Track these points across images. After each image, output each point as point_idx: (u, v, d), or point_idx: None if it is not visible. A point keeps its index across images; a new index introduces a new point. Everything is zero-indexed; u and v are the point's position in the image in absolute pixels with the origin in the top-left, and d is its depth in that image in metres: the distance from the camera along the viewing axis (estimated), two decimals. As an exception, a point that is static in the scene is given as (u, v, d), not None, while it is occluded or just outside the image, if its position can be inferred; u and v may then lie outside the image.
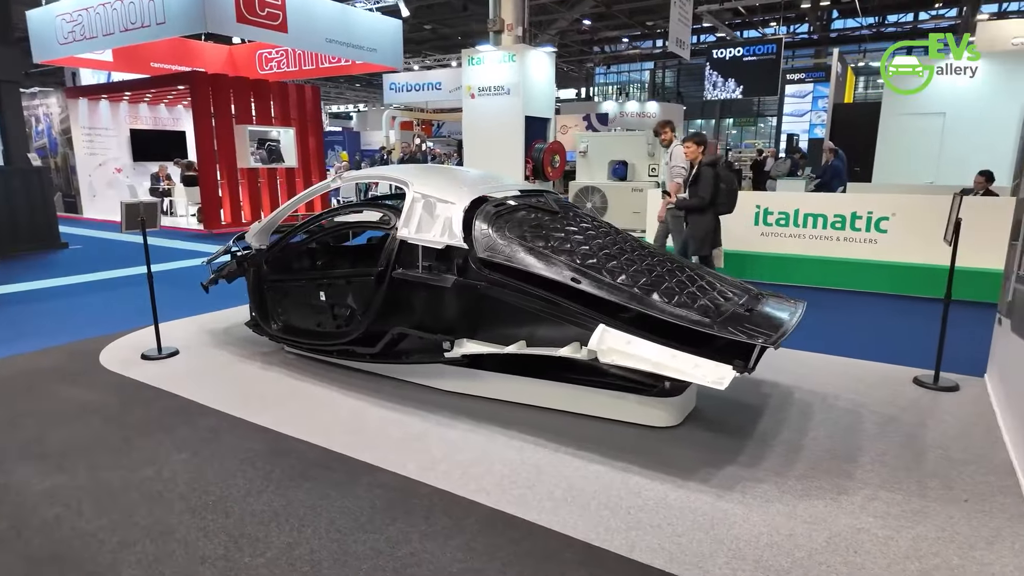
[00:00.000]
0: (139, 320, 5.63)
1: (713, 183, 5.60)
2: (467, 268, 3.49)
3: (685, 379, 2.87)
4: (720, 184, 5.63)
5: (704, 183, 5.64)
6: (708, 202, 5.66)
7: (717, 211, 5.77)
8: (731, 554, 2.39)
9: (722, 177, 5.66)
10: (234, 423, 3.58)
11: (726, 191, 5.67)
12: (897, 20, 30.77)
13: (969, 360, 4.41)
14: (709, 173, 5.64)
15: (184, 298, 6.53)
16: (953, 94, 10.27)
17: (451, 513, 2.68)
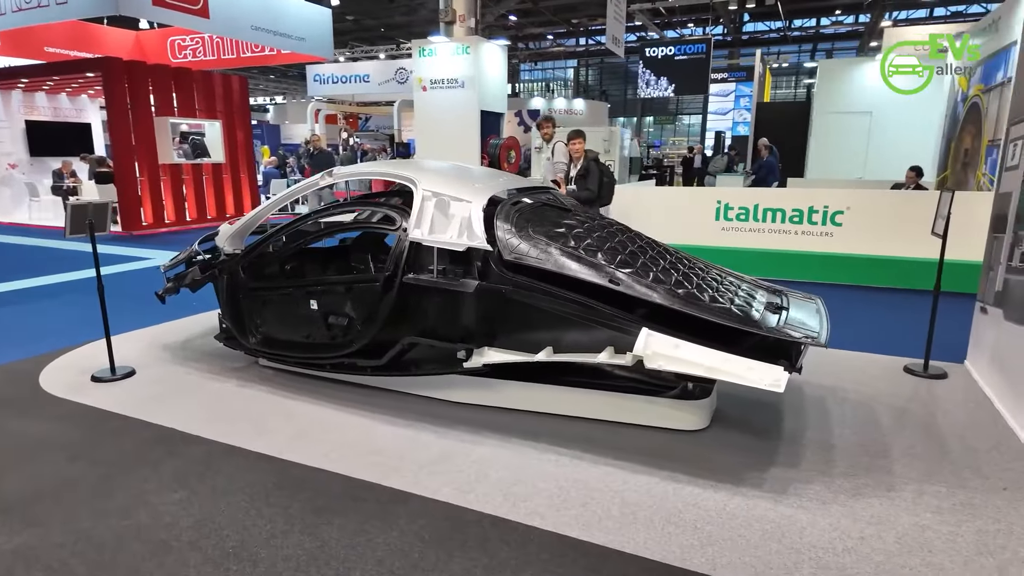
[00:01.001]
0: (74, 336, 4.99)
1: (599, 177, 6.11)
2: (488, 271, 3.25)
3: (740, 382, 2.77)
4: (603, 178, 6.19)
5: (593, 177, 6.15)
6: (595, 195, 6.13)
7: (601, 203, 6.28)
8: (815, 564, 2.31)
9: (604, 172, 6.24)
10: (227, 452, 3.18)
11: (608, 184, 6.27)
12: (802, 24, 32.75)
13: (941, 347, 4.52)
14: (596, 168, 6.17)
15: (124, 308, 5.86)
16: (878, 94, 10.94)
17: (509, 541, 2.46)
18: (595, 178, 6.18)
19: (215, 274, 4.10)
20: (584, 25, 31.81)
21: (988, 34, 7.44)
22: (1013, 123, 4.01)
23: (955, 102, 8.62)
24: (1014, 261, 3.72)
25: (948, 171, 8.62)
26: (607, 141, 9.28)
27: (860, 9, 22.43)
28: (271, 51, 15.99)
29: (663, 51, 16.95)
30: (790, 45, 34.37)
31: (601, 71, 39.64)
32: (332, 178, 3.77)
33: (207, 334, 5.16)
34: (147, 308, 4.74)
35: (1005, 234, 3.89)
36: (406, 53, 23.92)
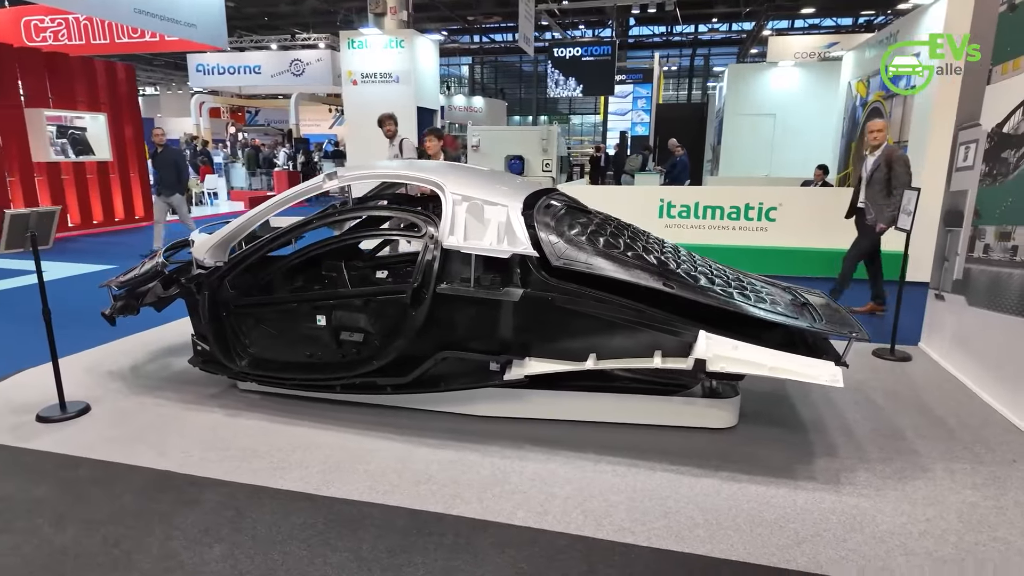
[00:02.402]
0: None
1: None
2: (529, 277, 3.10)
3: (799, 379, 2.85)
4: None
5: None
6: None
7: None
8: (904, 551, 2.42)
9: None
10: (252, 493, 2.80)
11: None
12: (682, 31, 34.83)
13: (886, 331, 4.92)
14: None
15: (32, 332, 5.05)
16: (782, 98, 11.86)
17: (612, 563, 2.36)
18: None
19: (191, 290, 3.61)
20: (480, 22, 31.86)
21: (886, 46, 8.27)
22: (962, 128, 4.45)
23: (854, 107, 9.52)
24: (975, 252, 4.14)
25: (850, 169, 9.51)
26: (545, 140, 9.31)
27: (739, 18, 24.18)
28: (153, 37, 14.56)
29: (571, 52, 17.28)
30: (672, 49, 36.43)
31: (496, 69, 39.88)
32: (337, 181, 3.43)
33: (158, 356, 4.58)
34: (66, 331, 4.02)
35: (961, 228, 4.31)
36: (303, 44, 22.67)
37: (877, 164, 5.46)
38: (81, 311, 5.15)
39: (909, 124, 7.40)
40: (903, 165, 5.36)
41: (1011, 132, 3.80)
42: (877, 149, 5.50)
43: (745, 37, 27.40)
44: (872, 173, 5.50)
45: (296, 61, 21.42)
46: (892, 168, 5.38)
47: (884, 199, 5.42)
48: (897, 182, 5.33)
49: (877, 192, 5.48)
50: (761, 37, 22.48)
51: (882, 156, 5.45)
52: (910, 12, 7.86)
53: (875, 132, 5.49)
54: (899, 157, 5.42)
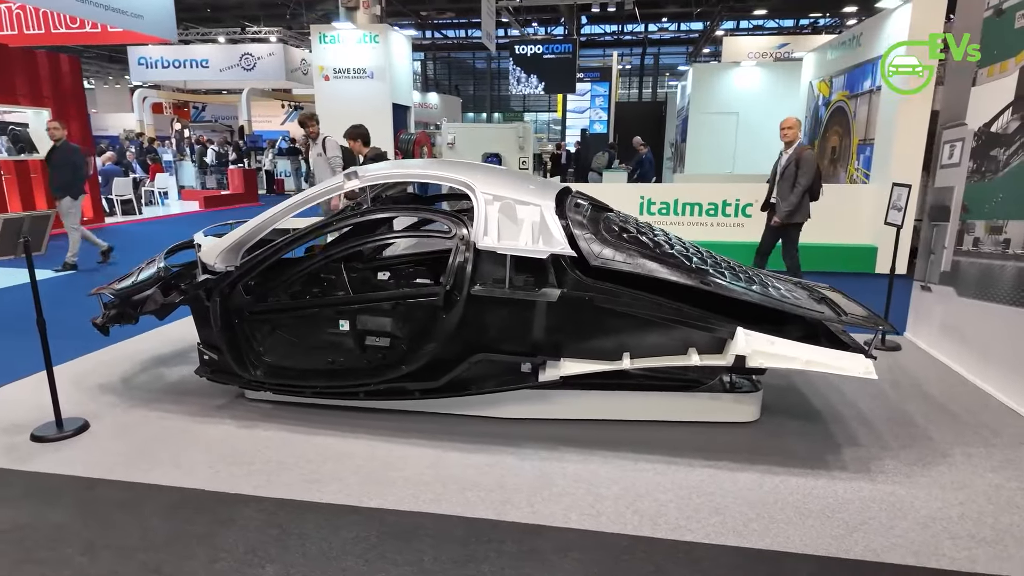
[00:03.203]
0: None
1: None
2: (565, 277, 3.08)
3: (833, 372, 2.92)
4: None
5: None
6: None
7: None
8: (948, 535, 2.52)
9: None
10: (291, 509, 2.68)
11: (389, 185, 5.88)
12: (632, 30, 35.40)
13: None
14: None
15: (11, 343, 4.71)
16: (744, 96, 12.20)
17: (679, 561, 2.37)
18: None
19: (199, 296, 3.42)
20: (432, 18, 31.50)
21: (850, 48, 8.61)
22: (946, 127, 4.66)
23: (816, 106, 9.88)
24: (964, 245, 4.35)
25: (814, 166, 9.87)
26: (522, 138, 9.27)
27: (690, 17, 24.73)
28: (94, 27, 13.79)
29: (532, 49, 17.29)
30: (623, 48, 36.96)
31: (449, 66, 39.57)
32: (358, 180, 3.31)
33: (147, 367, 4.35)
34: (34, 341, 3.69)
35: (948, 222, 4.53)
36: (252, 38, 21.90)
37: (790, 161, 5.66)
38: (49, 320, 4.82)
39: (875, 123, 7.73)
40: (808, 164, 5.59)
41: (1000, 131, 4.00)
42: (790, 146, 5.70)
43: (697, 37, 28.05)
44: (784, 169, 5.70)
45: (247, 55, 20.64)
46: (799, 166, 5.59)
47: (789, 194, 5.65)
48: (801, 179, 5.56)
49: (785, 188, 5.70)
50: (714, 37, 23.07)
51: (794, 154, 5.64)
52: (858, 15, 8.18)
53: (786, 129, 5.70)
54: (806, 157, 5.64)
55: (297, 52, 21.54)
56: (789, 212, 5.63)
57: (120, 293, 3.63)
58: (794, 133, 5.71)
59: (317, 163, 6.83)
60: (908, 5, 6.88)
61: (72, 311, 3.80)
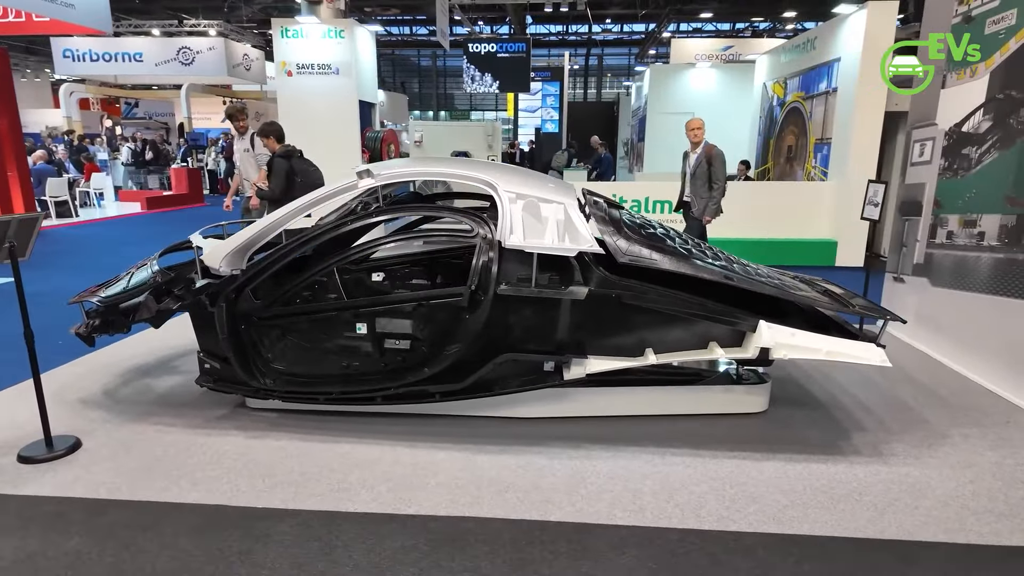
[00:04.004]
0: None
1: (286, 176, 5.34)
2: (590, 275, 3.08)
3: (850, 361, 3.05)
4: (296, 178, 5.39)
5: (275, 175, 5.37)
6: (279, 195, 5.30)
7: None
8: (969, 511, 2.67)
9: (297, 170, 5.43)
10: (327, 520, 2.58)
11: (303, 185, 5.32)
12: (577, 30, 35.85)
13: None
14: (281, 165, 5.36)
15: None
16: (700, 97, 12.55)
17: (732, 550, 2.41)
18: (278, 176, 5.31)
19: (201, 302, 3.23)
20: (376, 14, 30.94)
21: (804, 51, 9.00)
22: (916, 127, 4.93)
23: (771, 106, 10.27)
24: (937, 238, 4.62)
25: (770, 164, 10.26)
26: (491, 136, 9.21)
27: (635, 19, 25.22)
28: (17, 16, 12.86)
29: (486, 48, 17.24)
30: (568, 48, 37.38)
31: (393, 63, 38.96)
32: (372, 179, 3.20)
33: (128, 378, 4.11)
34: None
35: (921, 217, 4.79)
36: (190, 31, 20.92)
37: (699, 160, 5.93)
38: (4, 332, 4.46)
39: (832, 123, 8.10)
40: (720, 162, 5.89)
41: (971, 131, 4.27)
42: (698, 146, 5.97)
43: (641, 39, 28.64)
44: (695, 169, 5.96)
45: (184, 49, 19.70)
46: (712, 164, 5.85)
47: (706, 192, 5.94)
48: (716, 177, 5.84)
49: (700, 186, 5.98)
50: (660, 39, 23.64)
51: (703, 153, 5.91)
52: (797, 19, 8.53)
53: (695, 130, 5.98)
54: (717, 154, 5.93)
55: (239, 47, 20.77)
56: (716, 208, 5.86)
57: (109, 300, 3.39)
58: (702, 133, 5.96)
59: (243, 159, 6.49)
60: (863, 11, 7.24)
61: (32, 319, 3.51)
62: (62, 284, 3.12)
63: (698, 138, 5.93)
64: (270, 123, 5.68)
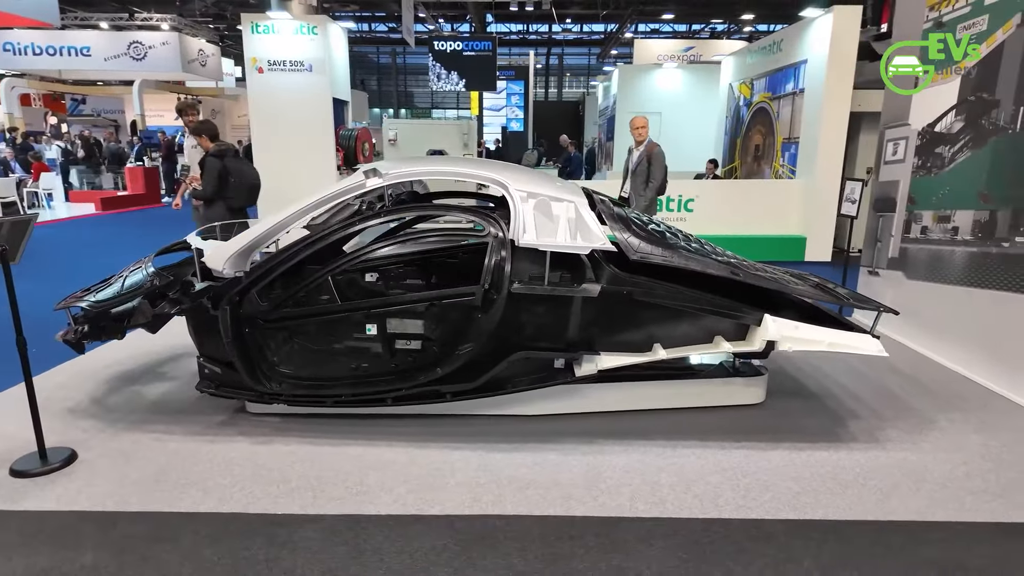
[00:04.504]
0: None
1: (218, 175, 5.17)
2: (601, 272, 3.12)
3: (850, 352, 3.17)
4: (230, 177, 5.23)
5: (206, 174, 5.20)
6: (211, 194, 5.22)
7: (229, 205, 5.30)
8: (969, 492, 2.81)
9: (231, 169, 5.24)
10: (351, 524, 2.54)
11: (237, 184, 5.26)
12: (537, 29, 36.00)
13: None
14: (213, 164, 5.18)
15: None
16: (667, 97, 12.80)
17: (756, 537, 2.48)
18: (209, 176, 5.13)
19: (203, 305, 3.14)
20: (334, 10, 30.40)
21: (770, 53, 9.27)
22: (888, 127, 5.15)
23: (737, 106, 10.54)
24: (911, 233, 4.84)
25: (737, 163, 10.54)
26: (467, 135, 9.16)
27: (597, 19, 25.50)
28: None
29: (451, 45, 17.15)
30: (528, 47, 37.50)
31: (352, 61, 38.35)
32: (380, 179, 3.16)
33: (115, 386, 3.97)
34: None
35: (894, 213, 5.01)
36: (141, 25, 20.16)
37: (641, 159, 6.13)
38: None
39: (799, 122, 8.37)
40: (659, 162, 6.11)
41: (944, 131, 4.48)
42: (641, 144, 6.16)
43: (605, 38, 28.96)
44: (636, 166, 6.16)
45: (136, 44, 18.96)
46: (651, 163, 6.06)
47: (644, 190, 6.13)
48: (652, 176, 6.05)
49: (639, 183, 6.19)
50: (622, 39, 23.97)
51: (645, 151, 6.11)
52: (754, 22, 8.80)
53: (639, 128, 6.17)
54: (657, 154, 6.15)
55: (194, 42, 20.13)
56: (648, 206, 6.04)
57: (101, 305, 3.25)
58: (646, 132, 6.13)
59: (192, 155, 6.25)
60: (829, 15, 7.51)
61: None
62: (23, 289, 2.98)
63: (642, 136, 6.09)
64: (203, 121, 5.52)
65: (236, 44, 33.62)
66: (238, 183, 5.26)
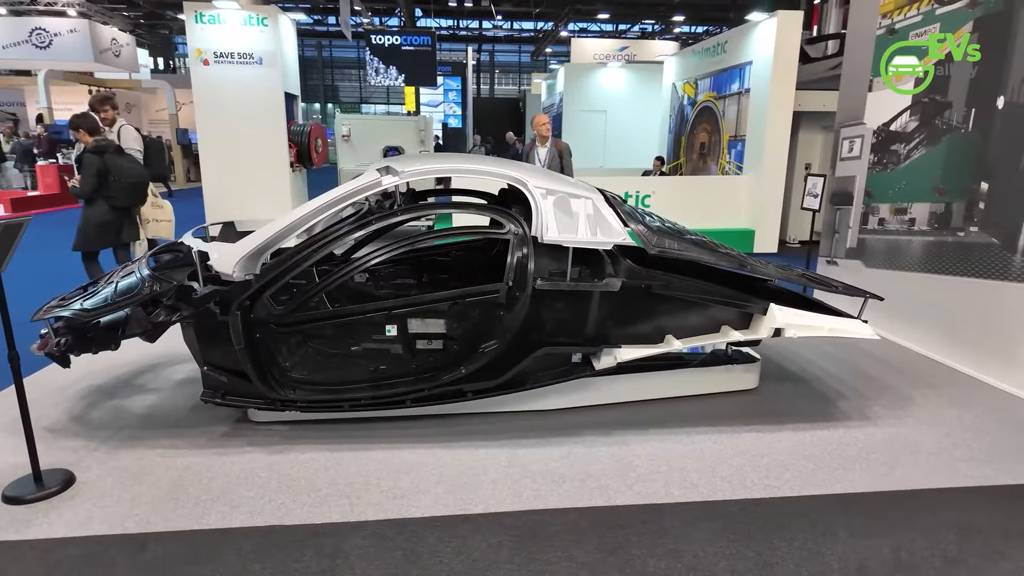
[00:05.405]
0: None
1: (96, 173, 4.84)
2: (619, 266, 3.19)
3: (847, 336, 3.39)
4: (110, 175, 4.89)
5: (84, 172, 4.88)
6: (89, 193, 4.90)
7: (112, 204, 4.95)
8: (961, 460, 3.08)
9: (111, 167, 4.89)
10: (398, 528, 2.50)
11: (117, 183, 4.91)
12: (467, 25, 35.86)
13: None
14: (92, 161, 4.84)
15: None
16: (611, 96, 13.08)
17: (792, 514, 2.62)
18: (87, 173, 4.82)
19: (210, 311, 2.97)
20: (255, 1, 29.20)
21: (715, 54, 9.67)
22: (844, 126, 5.51)
23: (681, 105, 10.94)
24: (869, 225, 5.20)
25: (682, 160, 10.93)
26: (423, 131, 9.01)
27: (529, 16, 25.75)
28: None
29: (390, 40, 16.81)
30: (458, 43, 37.31)
31: (276, 53, 36.90)
32: (396, 177, 3.08)
33: (95, 400, 3.72)
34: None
35: (852, 206, 5.37)
36: (45, 10, 18.59)
37: (551, 155, 6.43)
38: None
39: (745, 121, 8.79)
40: (569, 154, 6.46)
41: (899, 130, 4.85)
42: (547, 140, 6.46)
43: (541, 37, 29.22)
44: (548, 163, 6.47)
45: (39, 31, 17.49)
46: (563, 157, 6.37)
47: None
48: (568, 170, 6.39)
49: None
50: (560, 37, 24.28)
51: (553, 148, 6.43)
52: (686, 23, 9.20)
53: (543, 125, 6.47)
54: (567, 149, 6.50)
55: (106, 30, 18.79)
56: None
57: (91, 314, 3.01)
58: (549, 128, 6.42)
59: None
60: (773, 19, 7.93)
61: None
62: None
63: (548, 132, 6.29)
64: (82, 115, 5.15)
65: (150, 33, 31.67)
66: (119, 182, 4.93)
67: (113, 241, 5.09)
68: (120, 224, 5.07)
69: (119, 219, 5.05)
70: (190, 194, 16.76)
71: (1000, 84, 4.00)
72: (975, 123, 4.20)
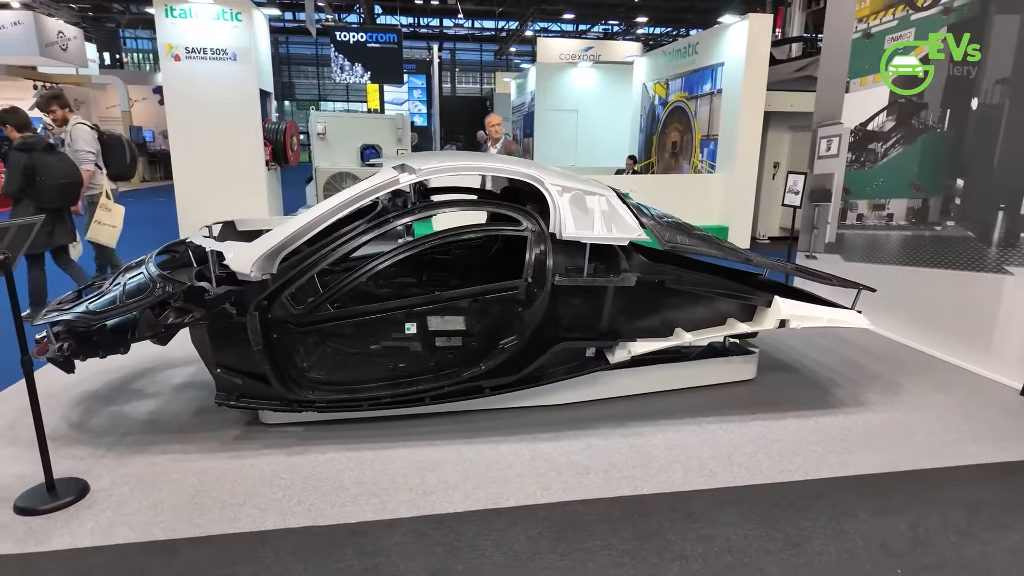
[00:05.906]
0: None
1: (22, 171, 4.63)
2: (632, 262, 3.25)
3: (845, 326, 3.54)
4: (36, 175, 4.68)
5: (9, 170, 4.69)
6: (15, 192, 4.72)
7: (38, 205, 4.70)
8: (952, 442, 3.26)
9: (38, 166, 4.68)
10: (433, 525, 2.51)
11: (44, 183, 4.72)
12: (428, 23, 35.61)
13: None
14: (18, 159, 4.64)
15: None
16: (582, 95, 13.21)
17: (813, 496, 2.74)
18: (11, 172, 4.63)
19: (225, 312, 2.90)
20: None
21: (686, 55, 9.89)
22: (821, 125, 5.73)
23: (652, 105, 11.14)
24: (848, 220, 5.43)
25: (654, 159, 11.14)
26: (401, 129, 8.92)
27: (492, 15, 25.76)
28: None
29: (355, 37, 16.56)
30: (418, 41, 37.00)
31: (230, 49, 35.90)
32: (413, 175, 3.07)
33: (93, 407, 3.60)
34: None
35: (830, 202, 5.59)
36: None
37: (501, 153, 6.62)
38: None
39: (718, 120, 9.02)
40: (520, 156, 6.68)
41: (876, 129, 5.07)
42: (498, 141, 6.66)
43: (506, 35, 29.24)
44: None
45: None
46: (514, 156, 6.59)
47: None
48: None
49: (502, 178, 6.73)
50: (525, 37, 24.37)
51: (503, 147, 6.63)
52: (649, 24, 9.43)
53: (495, 125, 6.67)
54: (517, 149, 6.72)
55: (52, 22, 17.96)
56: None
57: (97, 317, 2.90)
58: (501, 129, 6.60)
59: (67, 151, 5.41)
60: (745, 22, 8.16)
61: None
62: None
63: (498, 133, 6.44)
64: (12, 109, 4.90)
65: (96, 27, 30.37)
66: (47, 182, 4.72)
67: (44, 244, 4.82)
68: (51, 226, 4.80)
69: (49, 221, 4.72)
70: (146, 194, 16.20)
71: (974, 86, 4.23)
72: (951, 123, 4.44)
